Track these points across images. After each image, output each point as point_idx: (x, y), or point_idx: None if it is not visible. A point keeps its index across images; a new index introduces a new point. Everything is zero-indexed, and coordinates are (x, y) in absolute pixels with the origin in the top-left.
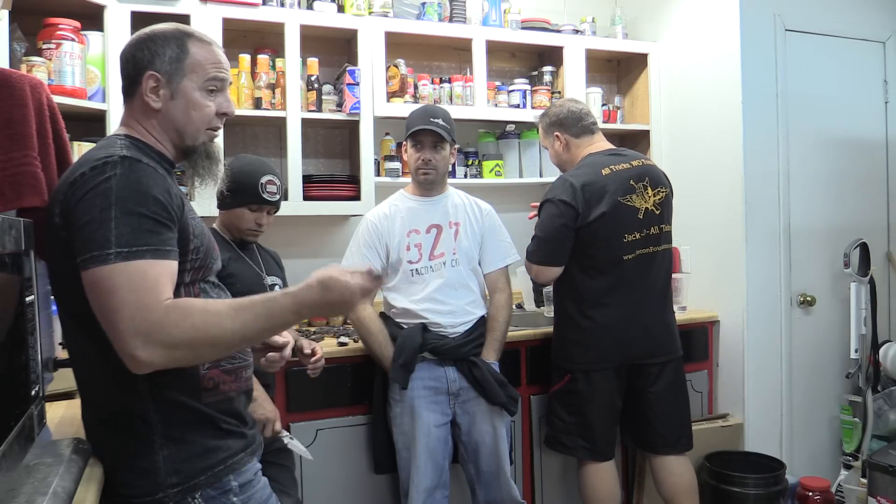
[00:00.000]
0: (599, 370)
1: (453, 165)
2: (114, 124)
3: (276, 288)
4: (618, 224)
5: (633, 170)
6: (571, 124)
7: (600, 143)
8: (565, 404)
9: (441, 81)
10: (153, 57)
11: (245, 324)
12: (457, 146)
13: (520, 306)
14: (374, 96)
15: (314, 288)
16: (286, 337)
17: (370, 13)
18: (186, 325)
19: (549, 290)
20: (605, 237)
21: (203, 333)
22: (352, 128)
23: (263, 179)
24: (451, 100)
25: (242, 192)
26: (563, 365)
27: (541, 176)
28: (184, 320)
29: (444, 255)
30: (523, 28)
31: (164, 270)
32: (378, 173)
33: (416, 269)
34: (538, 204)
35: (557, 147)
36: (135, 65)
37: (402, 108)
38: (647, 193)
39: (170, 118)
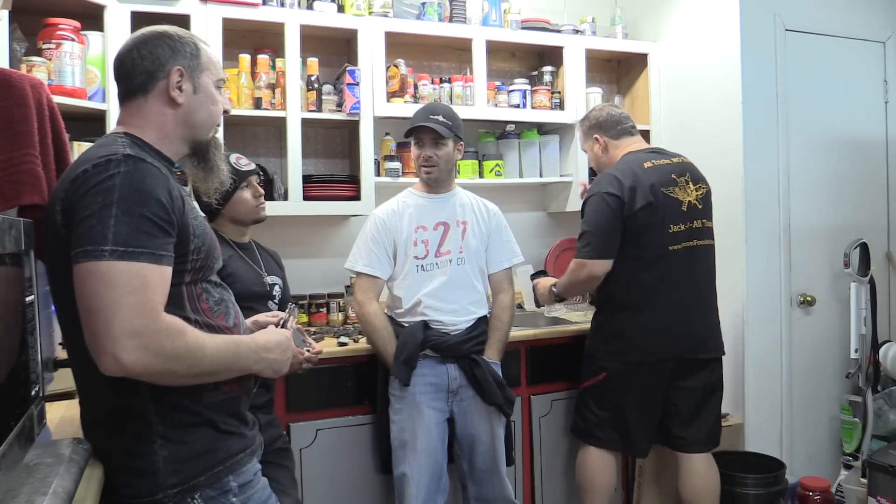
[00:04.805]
0: (640, 365)
1: None
2: (113, 124)
3: (276, 288)
4: (664, 214)
5: (674, 165)
6: (610, 127)
7: (639, 144)
8: (597, 400)
9: (441, 81)
10: (174, 53)
11: (219, 359)
12: (461, 142)
13: (520, 306)
14: (374, 96)
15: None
16: (280, 314)
17: (370, 13)
18: (180, 343)
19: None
20: (652, 226)
21: (188, 356)
22: (352, 128)
23: (231, 158)
24: (451, 100)
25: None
26: (600, 359)
27: (541, 176)
28: (179, 338)
29: (450, 253)
30: (523, 28)
31: (161, 278)
32: (378, 173)
33: (422, 265)
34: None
35: (597, 149)
36: (154, 60)
37: (402, 108)
38: (689, 188)
39: (190, 112)
